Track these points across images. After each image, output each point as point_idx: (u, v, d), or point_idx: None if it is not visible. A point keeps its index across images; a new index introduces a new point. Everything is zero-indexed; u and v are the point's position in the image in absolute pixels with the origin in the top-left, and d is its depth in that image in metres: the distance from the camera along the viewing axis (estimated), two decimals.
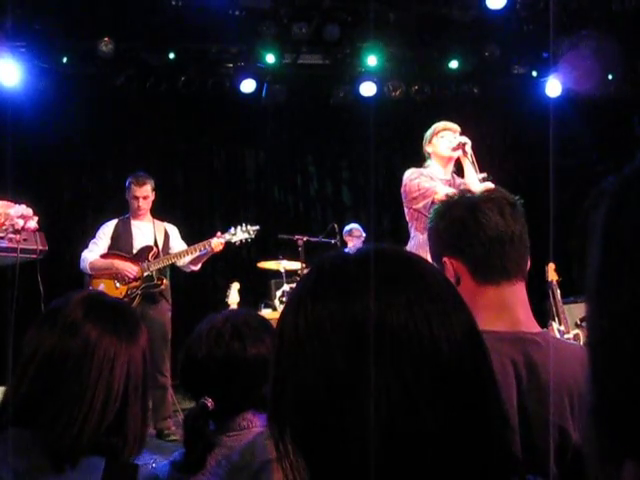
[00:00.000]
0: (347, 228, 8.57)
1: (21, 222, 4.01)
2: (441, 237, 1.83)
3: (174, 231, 6.38)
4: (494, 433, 0.90)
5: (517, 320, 1.73)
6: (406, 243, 4.70)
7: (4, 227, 3.81)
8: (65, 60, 8.27)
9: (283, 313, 0.97)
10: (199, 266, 6.28)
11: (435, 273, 0.98)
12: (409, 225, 4.73)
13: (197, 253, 6.07)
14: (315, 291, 0.93)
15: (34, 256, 4.50)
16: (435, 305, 0.90)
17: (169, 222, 6.46)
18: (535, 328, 1.77)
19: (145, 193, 6.13)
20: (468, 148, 4.72)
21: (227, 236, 6.15)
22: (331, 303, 0.90)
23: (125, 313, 1.64)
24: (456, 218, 1.79)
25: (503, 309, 1.72)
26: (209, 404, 1.86)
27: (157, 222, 6.33)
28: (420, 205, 4.47)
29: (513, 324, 1.72)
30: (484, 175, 4.68)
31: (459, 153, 4.75)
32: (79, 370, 1.47)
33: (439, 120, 5.05)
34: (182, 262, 6.16)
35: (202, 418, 1.87)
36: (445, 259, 1.77)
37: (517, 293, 1.75)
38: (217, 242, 6.04)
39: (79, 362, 1.47)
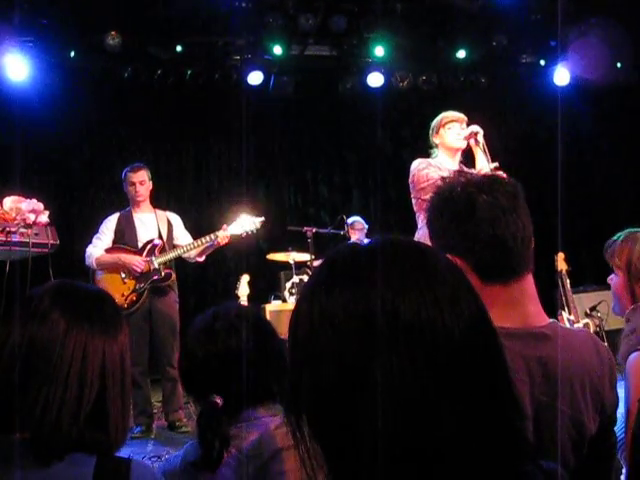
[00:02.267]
0: (349, 221, 8.58)
1: (32, 217, 4.04)
2: (440, 236, 1.77)
3: (177, 220, 6.36)
4: (507, 418, 0.91)
5: (526, 315, 1.69)
6: (414, 233, 4.70)
7: (15, 222, 3.84)
8: (72, 54, 8.29)
9: (297, 304, 0.98)
10: (204, 257, 6.27)
11: (445, 261, 0.99)
12: (417, 215, 4.72)
13: (203, 246, 6.07)
14: (328, 282, 0.94)
15: (46, 250, 4.52)
16: (446, 293, 0.91)
17: (175, 213, 6.46)
18: (544, 320, 1.73)
19: (141, 178, 6.12)
20: (480, 137, 4.71)
21: (232, 228, 6.14)
22: (344, 293, 0.91)
23: (103, 304, 1.58)
24: (454, 217, 1.72)
25: (511, 305, 1.68)
26: (218, 401, 1.87)
27: (159, 212, 6.31)
28: (428, 196, 4.43)
29: (522, 319, 1.68)
30: (496, 164, 4.66)
31: (470, 142, 4.74)
32: (49, 358, 1.43)
33: (447, 110, 5.03)
34: (187, 254, 6.15)
35: (215, 416, 1.88)
36: (448, 256, 1.71)
37: (525, 287, 1.71)
38: (223, 235, 6.04)
39: (48, 350, 1.44)
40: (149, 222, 6.19)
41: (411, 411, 0.86)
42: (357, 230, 8.52)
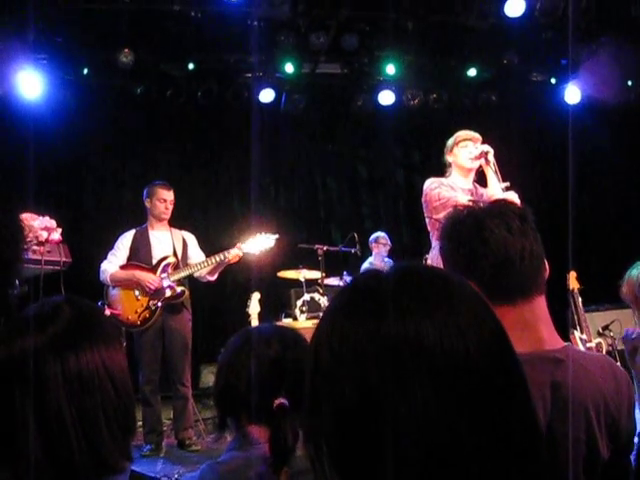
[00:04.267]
0: (373, 236, 8.61)
1: (45, 234, 4.05)
2: (449, 259, 1.79)
3: (192, 240, 6.37)
4: (530, 446, 0.91)
5: (539, 339, 1.69)
6: (427, 251, 4.69)
7: (28, 239, 3.85)
8: (86, 71, 8.36)
9: (317, 330, 0.97)
10: (215, 276, 6.27)
11: (466, 288, 0.99)
12: (430, 234, 4.70)
13: (215, 264, 6.06)
14: (349, 310, 0.94)
15: (58, 267, 4.54)
16: (469, 321, 0.90)
17: (187, 231, 6.46)
18: (558, 344, 1.73)
19: (172, 197, 6.16)
20: (490, 157, 4.69)
21: (246, 246, 6.14)
22: (366, 321, 0.90)
23: (78, 323, 1.44)
24: (462, 239, 1.74)
25: (524, 329, 1.68)
26: (285, 402, 1.85)
27: (174, 230, 6.33)
28: (441, 215, 4.42)
29: (535, 343, 1.68)
30: (507, 184, 4.65)
31: (481, 162, 4.72)
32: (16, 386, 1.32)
33: (458, 128, 5.02)
34: (199, 272, 6.15)
35: (286, 416, 1.87)
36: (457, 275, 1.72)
37: (536, 309, 1.71)
38: (235, 253, 6.03)
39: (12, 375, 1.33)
40: (164, 240, 6.20)
41: (434, 441, 0.85)
42: (381, 245, 8.55)
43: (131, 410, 1.45)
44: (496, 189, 4.61)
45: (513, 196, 4.46)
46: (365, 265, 8.53)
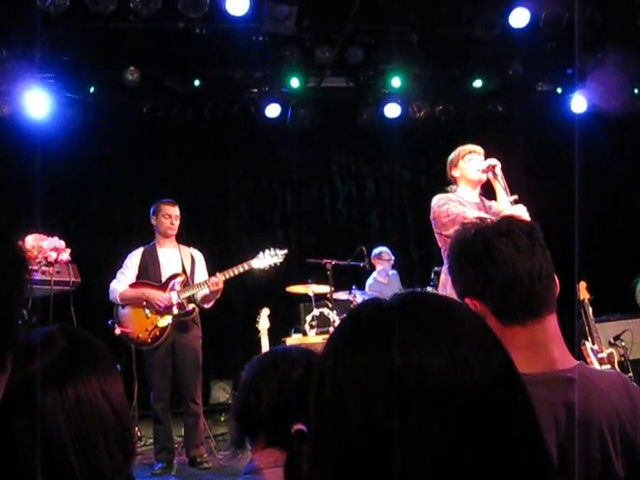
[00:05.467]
0: (376, 251, 8.56)
1: (54, 255, 4.06)
2: (458, 280, 1.76)
3: (200, 258, 6.35)
4: (539, 474, 0.90)
5: (551, 359, 1.66)
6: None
7: (37, 260, 3.88)
8: (92, 90, 8.41)
9: (320, 362, 0.96)
10: (211, 304, 6.21)
11: (471, 316, 0.97)
12: (442, 250, 4.66)
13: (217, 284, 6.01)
14: (352, 341, 0.93)
15: (67, 288, 4.55)
16: (474, 350, 0.89)
17: (196, 247, 6.45)
18: (570, 363, 1.69)
19: (177, 212, 6.16)
20: (498, 170, 4.65)
21: (256, 262, 6.14)
22: (370, 353, 0.89)
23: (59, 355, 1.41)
24: (470, 259, 1.71)
25: (535, 349, 1.65)
26: (304, 428, 1.84)
27: (183, 247, 6.31)
28: (450, 231, 4.36)
29: (547, 364, 1.65)
30: (515, 197, 4.61)
31: (488, 176, 4.69)
32: None
33: (465, 140, 4.99)
34: (198, 296, 6.12)
35: (303, 442, 1.86)
36: (467, 300, 1.70)
37: (547, 329, 1.68)
38: (213, 281, 5.97)
39: None
40: (173, 257, 6.20)
41: (441, 471, 0.84)
42: (384, 260, 8.51)
43: (130, 432, 1.46)
44: (505, 203, 4.58)
45: (522, 209, 4.44)
46: (369, 281, 8.50)
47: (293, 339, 7.21)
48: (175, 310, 5.96)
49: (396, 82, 8.80)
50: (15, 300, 1.05)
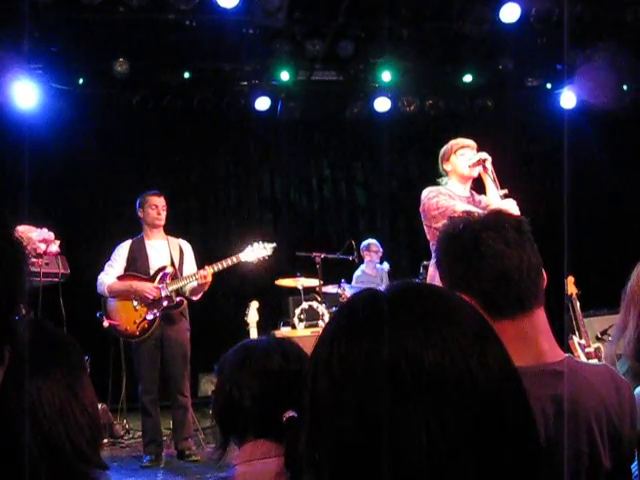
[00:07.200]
0: (364, 243, 8.57)
1: (43, 246, 4.04)
2: (446, 274, 1.77)
3: (188, 249, 6.33)
4: (532, 468, 0.90)
5: (540, 352, 1.67)
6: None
7: (26, 251, 3.85)
8: (81, 81, 8.37)
9: (314, 354, 0.95)
10: (199, 296, 6.20)
11: (467, 307, 0.97)
12: (430, 244, 4.67)
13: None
14: (348, 331, 0.92)
15: (56, 279, 4.54)
16: (470, 341, 0.89)
17: (184, 239, 6.43)
18: (559, 356, 1.70)
19: (163, 203, 6.14)
20: (488, 164, 4.65)
21: (244, 255, 6.13)
22: (365, 343, 0.88)
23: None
24: (459, 254, 1.71)
25: (524, 342, 1.65)
26: (294, 414, 1.84)
27: (171, 239, 6.28)
28: (440, 224, 4.34)
29: (536, 357, 1.66)
30: (505, 191, 4.62)
31: (479, 170, 4.69)
32: None
33: (455, 134, 5.00)
34: (187, 289, 6.11)
35: (297, 428, 1.85)
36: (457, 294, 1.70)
37: (536, 322, 1.68)
38: (202, 274, 5.97)
39: None
40: (161, 249, 6.18)
41: (437, 464, 0.83)
42: (372, 252, 8.52)
43: (97, 423, 1.43)
44: (495, 197, 4.59)
45: (511, 203, 4.44)
46: (357, 273, 8.50)
47: (282, 332, 7.21)
48: (164, 302, 5.95)
49: (386, 76, 8.80)
50: (13, 293, 1.04)
